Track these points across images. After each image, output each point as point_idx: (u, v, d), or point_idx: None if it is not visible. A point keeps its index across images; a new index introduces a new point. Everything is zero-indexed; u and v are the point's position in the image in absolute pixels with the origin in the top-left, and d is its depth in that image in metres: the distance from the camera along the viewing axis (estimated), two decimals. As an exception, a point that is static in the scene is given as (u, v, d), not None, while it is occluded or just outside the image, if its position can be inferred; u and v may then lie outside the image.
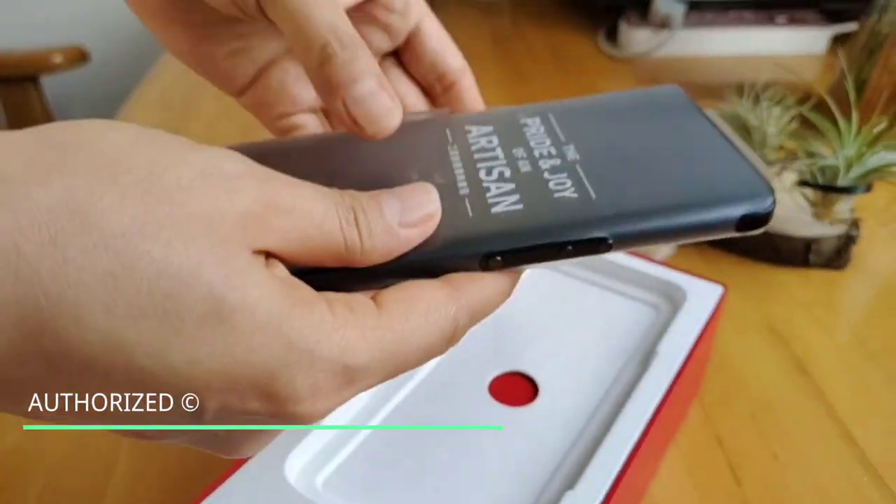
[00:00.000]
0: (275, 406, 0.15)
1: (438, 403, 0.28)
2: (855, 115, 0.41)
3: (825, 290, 0.43)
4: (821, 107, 0.47)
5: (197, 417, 0.15)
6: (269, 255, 0.16)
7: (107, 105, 1.23)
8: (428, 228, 0.18)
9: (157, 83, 0.77)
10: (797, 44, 0.80)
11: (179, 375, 0.14)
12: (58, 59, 1.05)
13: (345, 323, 0.16)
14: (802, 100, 0.47)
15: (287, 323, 0.15)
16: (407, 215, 0.18)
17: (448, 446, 0.27)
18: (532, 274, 0.35)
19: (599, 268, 0.35)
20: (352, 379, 0.16)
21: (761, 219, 0.19)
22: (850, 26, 0.78)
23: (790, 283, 0.43)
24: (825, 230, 0.43)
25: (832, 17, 0.81)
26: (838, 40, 0.79)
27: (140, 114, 0.66)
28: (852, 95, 0.41)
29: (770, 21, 0.80)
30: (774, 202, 0.19)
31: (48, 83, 1.06)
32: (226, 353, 0.14)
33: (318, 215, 0.17)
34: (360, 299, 0.17)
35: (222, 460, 0.33)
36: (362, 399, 0.28)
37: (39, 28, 1.13)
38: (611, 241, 0.19)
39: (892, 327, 0.40)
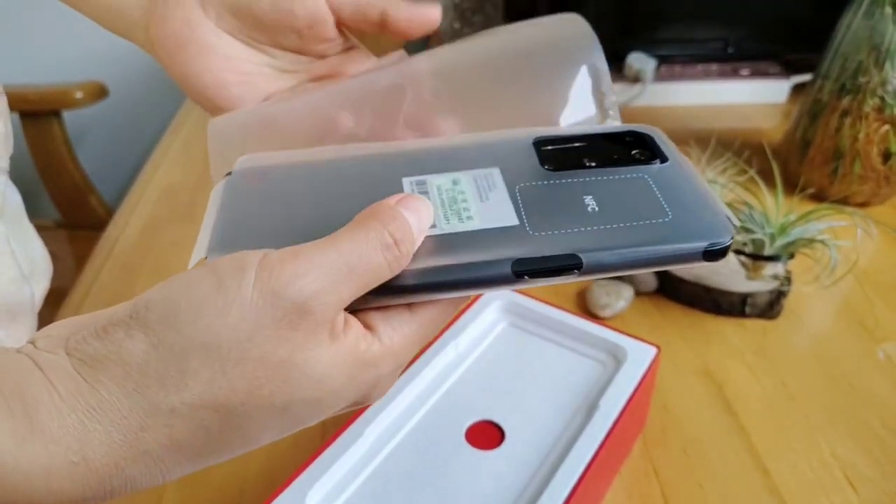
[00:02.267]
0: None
1: (426, 445, 0.36)
2: (781, 197, 0.48)
3: (758, 338, 0.51)
4: (763, 170, 0.54)
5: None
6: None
7: (125, 138, 1.30)
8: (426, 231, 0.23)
9: (179, 134, 0.85)
10: (760, 94, 0.87)
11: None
12: (78, 94, 1.11)
13: (386, 353, 0.22)
14: (743, 170, 0.54)
15: (356, 381, 0.22)
16: (421, 224, 0.23)
17: (432, 483, 0.34)
18: (502, 333, 0.43)
19: (557, 328, 0.42)
20: (395, 374, 0.24)
21: (724, 250, 0.23)
22: (808, 77, 0.85)
23: (728, 332, 0.51)
24: (760, 286, 0.51)
25: (793, 68, 0.88)
26: (798, 89, 0.87)
27: (164, 167, 0.73)
28: (780, 188, 0.49)
29: (735, 74, 0.87)
30: (734, 237, 0.23)
31: (69, 117, 1.13)
32: (327, 412, 0.22)
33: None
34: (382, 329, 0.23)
35: (257, 489, 0.41)
36: (367, 442, 0.35)
37: (61, 64, 1.19)
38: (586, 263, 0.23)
39: (811, 372, 0.48)
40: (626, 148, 0.27)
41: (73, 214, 1.15)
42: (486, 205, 0.24)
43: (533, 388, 0.39)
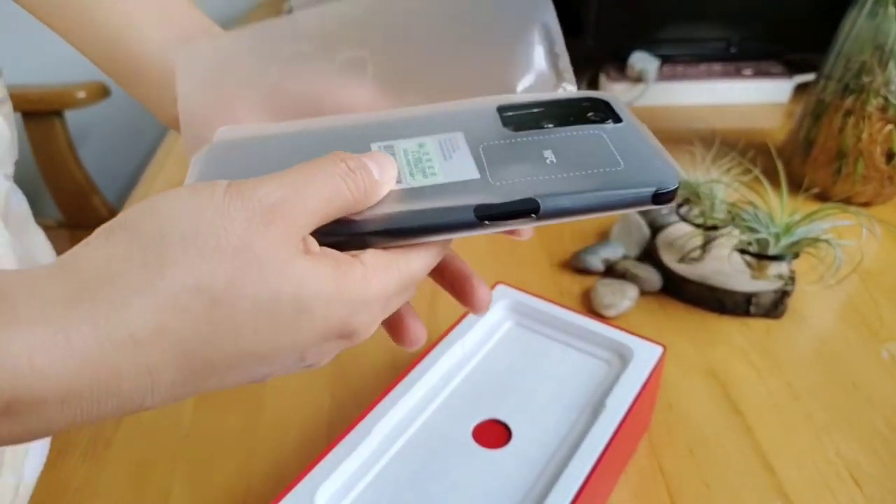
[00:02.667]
0: (347, 339, 0.24)
1: (433, 444, 0.36)
2: (786, 197, 0.48)
3: (762, 338, 0.51)
4: (767, 169, 0.55)
5: (303, 363, 0.23)
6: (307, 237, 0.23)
7: (128, 138, 1.30)
8: (392, 183, 0.25)
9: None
10: (763, 94, 0.87)
11: (293, 349, 0.22)
12: (81, 94, 1.11)
13: (368, 274, 0.23)
14: (748, 170, 0.54)
15: (340, 292, 0.22)
16: (384, 174, 0.25)
17: (439, 482, 0.34)
18: (508, 332, 0.43)
19: (563, 328, 0.42)
20: (387, 306, 0.24)
21: (672, 194, 0.25)
22: (811, 76, 0.85)
23: (732, 331, 0.51)
24: (764, 285, 0.51)
25: (795, 67, 0.88)
26: (801, 88, 0.87)
27: (168, 166, 0.73)
28: (784, 188, 0.49)
29: (737, 73, 0.87)
30: (679, 183, 0.25)
31: (72, 117, 1.13)
32: (315, 328, 0.22)
33: (327, 193, 0.23)
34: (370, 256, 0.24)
35: (264, 489, 0.41)
36: (374, 441, 0.36)
37: (64, 64, 1.19)
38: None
39: (815, 371, 0.48)
40: (583, 111, 0.29)
41: (75, 214, 1.15)
42: (449, 163, 0.27)
43: (539, 387, 0.39)
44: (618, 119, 0.28)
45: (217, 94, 0.32)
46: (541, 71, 0.32)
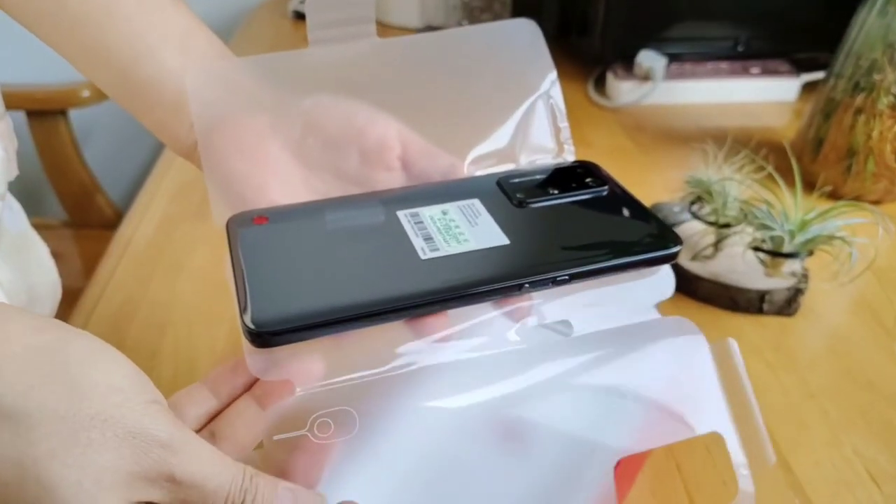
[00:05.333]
0: None
1: (454, 443, 0.36)
2: (800, 194, 0.48)
3: (776, 335, 0.50)
4: (779, 167, 0.54)
5: None
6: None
7: (132, 137, 1.30)
8: None
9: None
10: (770, 92, 0.87)
11: None
12: (85, 93, 1.11)
13: None
14: (760, 168, 0.54)
15: None
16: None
17: (459, 481, 0.34)
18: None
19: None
20: None
21: (676, 254, 0.29)
22: (819, 75, 0.85)
23: (745, 329, 0.51)
24: (777, 283, 0.51)
25: (803, 66, 0.88)
26: (808, 87, 0.87)
27: (176, 166, 0.73)
28: (798, 185, 0.49)
29: (745, 72, 0.87)
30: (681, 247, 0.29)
31: (76, 116, 1.13)
32: None
33: (210, 488, 0.21)
34: None
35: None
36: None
37: (68, 64, 1.19)
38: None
39: (830, 369, 0.48)
40: (580, 177, 0.32)
41: (79, 214, 1.15)
42: (476, 229, 0.29)
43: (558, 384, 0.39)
44: (605, 182, 0.32)
45: (237, 122, 0.32)
46: (544, 144, 0.34)
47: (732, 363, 0.29)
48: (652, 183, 0.69)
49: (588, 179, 0.32)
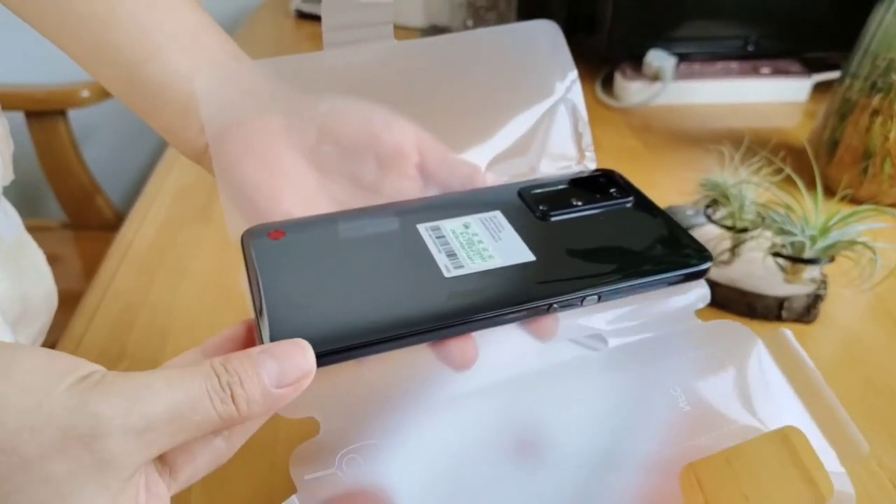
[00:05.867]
0: None
1: (474, 453, 0.34)
2: (821, 199, 0.47)
3: (795, 343, 0.49)
4: (802, 166, 0.53)
5: None
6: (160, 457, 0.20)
7: (132, 138, 1.28)
8: (303, 385, 0.22)
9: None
10: (781, 93, 0.86)
11: None
12: (84, 93, 1.10)
13: None
14: (778, 171, 0.53)
15: None
16: (284, 377, 0.21)
17: (479, 495, 0.32)
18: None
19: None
20: None
21: (705, 272, 0.28)
22: (830, 75, 0.84)
23: (763, 336, 0.49)
24: (796, 289, 0.50)
25: (814, 66, 0.87)
26: (819, 87, 0.86)
27: (178, 168, 0.72)
28: (819, 189, 0.47)
29: (755, 72, 0.86)
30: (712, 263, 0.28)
31: (75, 117, 1.11)
32: None
33: (187, 408, 0.19)
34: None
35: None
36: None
37: (67, 62, 1.18)
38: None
39: (851, 377, 0.46)
40: (604, 187, 0.31)
41: (79, 215, 1.14)
42: (500, 244, 0.27)
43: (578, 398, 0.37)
44: (629, 192, 0.30)
45: (250, 126, 0.31)
46: (565, 151, 0.33)
47: (792, 354, 0.28)
48: (663, 185, 0.67)
49: (612, 190, 0.31)
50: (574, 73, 0.33)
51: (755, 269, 0.50)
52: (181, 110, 0.32)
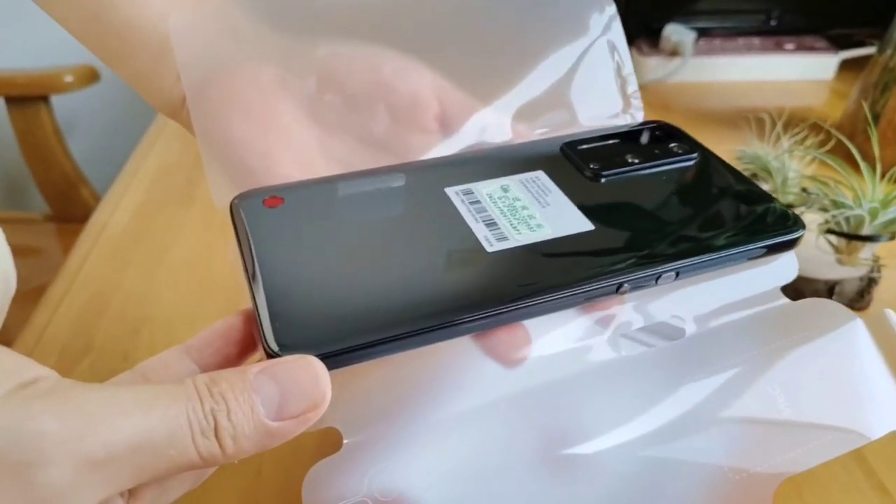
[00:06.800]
0: None
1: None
2: (879, 166, 0.41)
3: (847, 332, 0.44)
4: (839, 146, 0.48)
5: None
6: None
7: (118, 125, 1.23)
8: (310, 419, 0.17)
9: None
10: (805, 70, 0.81)
11: None
12: (68, 78, 1.05)
13: None
14: (824, 141, 0.47)
15: None
16: (287, 407, 0.16)
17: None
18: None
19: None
20: None
21: (796, 241, 0.24)
22: (858, 52, 0.79)
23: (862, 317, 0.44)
24: (847, 272, 0.44)
25: (840, 43, 0.82)
26: (846, 65, 0.80)
27: (159, 146, 0.67)
28: (876, 150, 0.42)
29: (779, 48, 0.81)
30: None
31: (58, 103, 1.06)
32: None
33: (161, 439, 0.15)
34: None
35: None
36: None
37: (50, 47, 1.13)
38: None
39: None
40: (662, 142, 0.26)
41: (62, 207, 1.09)
42: (548, 210, 0.23)
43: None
44: (693, 147, 0.26)
45: (236, 75, 0.26)
46: (608, 99, 0.28)
47: None
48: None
49: (671, 144, 0.25)
50: (612, 8, 0.28)
51: (802, 250, 0.45)
52: (154, 55, 0.27)
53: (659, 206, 0.23)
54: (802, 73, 0.81)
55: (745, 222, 0.23)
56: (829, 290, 0.44)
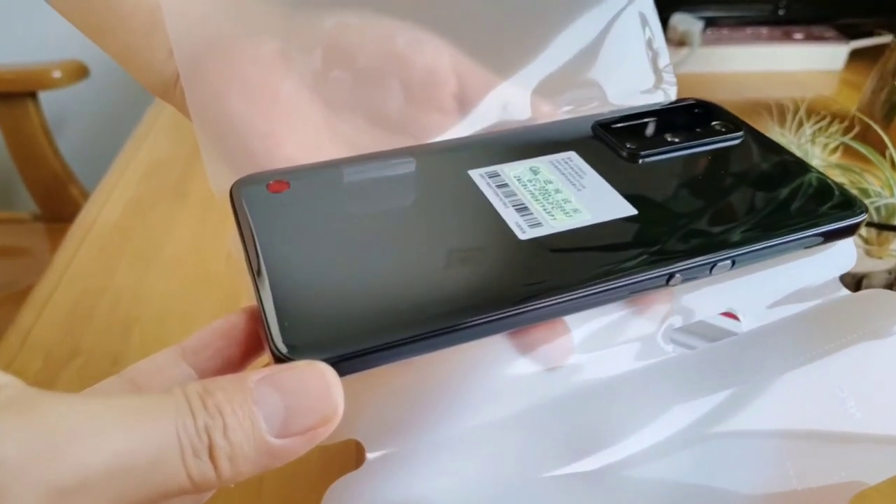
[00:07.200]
0: None
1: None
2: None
3: (876, 328, 0.42)
4: (859, 135, 0.46)
5: None
6: None
7: (108, 122, 1.21)
8: (319, 436, 0.15)
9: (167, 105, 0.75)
10: (814, 60, 0.79)
11: None
12: (57, 73, 1.03)
13: None
14: (848, 128, 0.45)
15: None
16: (292, 422, 0.14)
17: None
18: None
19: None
20: None
21: (859, 226, 0.21)
22: (868, 42, 0.78)
23: None
24: (875, 265, 0.42)
25: (849, 33, 0.80)
26: (855, 55, 0.79)
27: (150, 140, 0.64)
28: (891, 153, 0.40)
29: (787, 38, 0.79)
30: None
31: (47, 99, 1.04)
32: None
33: (145, 461, 0.13)
34: None
35: None
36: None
37: (38, 42, 1.11)
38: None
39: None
40: (704, 120, 0.24)
41: (51, 206, 1.07)
42: (584, 193, 0.21)
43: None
44: (737, 125, 0.24)
45: (235, 49, 0.24)
46: (639, 74, 0.26)
47: None
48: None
49: (713, 123, 0.24)
50: None
51: (827, 242, 0.43)
52: (145, 27, 0.25)
53: (706, 189, 0.21)
54: (812, 63, 0.79)
55: (803, 206, 0.21)
56: (856, 283, 0.42)
